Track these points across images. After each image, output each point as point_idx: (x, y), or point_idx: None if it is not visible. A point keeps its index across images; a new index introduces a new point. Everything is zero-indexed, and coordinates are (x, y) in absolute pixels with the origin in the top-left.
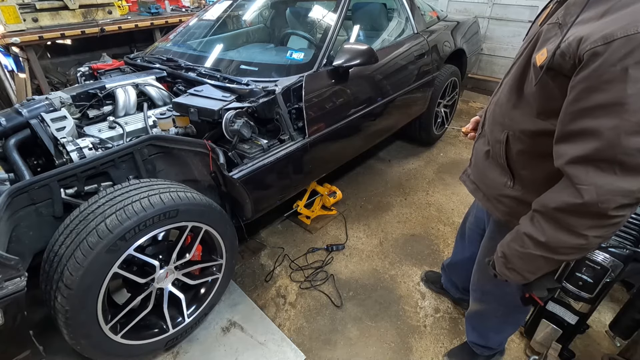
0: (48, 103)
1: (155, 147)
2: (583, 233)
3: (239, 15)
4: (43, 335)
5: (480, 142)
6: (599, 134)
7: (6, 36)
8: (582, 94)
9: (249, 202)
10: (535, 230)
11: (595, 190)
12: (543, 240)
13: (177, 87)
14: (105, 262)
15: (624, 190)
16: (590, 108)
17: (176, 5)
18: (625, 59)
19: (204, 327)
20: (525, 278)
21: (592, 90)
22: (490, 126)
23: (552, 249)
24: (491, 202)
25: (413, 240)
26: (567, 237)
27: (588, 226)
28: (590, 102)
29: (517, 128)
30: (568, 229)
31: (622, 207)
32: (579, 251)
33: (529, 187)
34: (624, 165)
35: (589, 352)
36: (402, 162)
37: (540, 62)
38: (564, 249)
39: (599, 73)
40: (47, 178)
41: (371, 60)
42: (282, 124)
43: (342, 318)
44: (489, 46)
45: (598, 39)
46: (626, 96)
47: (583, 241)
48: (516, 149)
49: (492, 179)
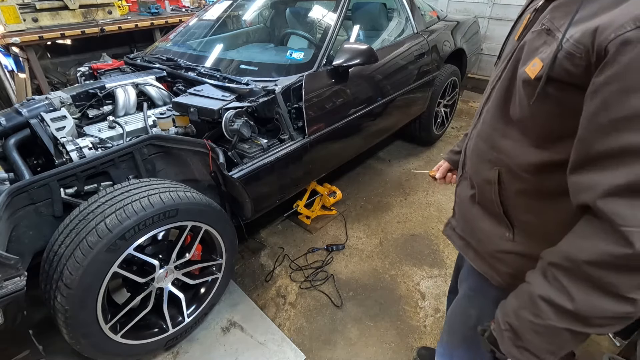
0: (48, 103)
1: (155, 147)
2: (630, 296)
3: (239, 15)
4: (43, 335)
5: (462, 185)
6: None
7: (6, 36)
8: (614, 98)
9: (248, 201)
10: (556, 293)
11: None
12: (571, 307)
13: (177, 87)
14: (105, 262)
15: None
16: (627, 118)
17: (176, 5)
18: None
19: (204, 327)
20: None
21: (628, 91)
22: (475, 165)
23: (583, 319)
24: (487, 261)
25: (413, 240)
26: (607, 302)
27: (634, 285)
28: (627, 109)
29: (511, 163)
30: (607, 290)
31: None
32: (622, 321)
33: (537, 239)
34: None
35: (589, 352)
36: (402, 162)
37: (535, 73)
38: (600, 319)
39: (637, 67)
40: (46, 178)
41: (371, 59)
42: (282, 124)
43: (342, 318)
44: (489, 46)
45: (627, 23)
46: None
47: (630, 308)
48: (514, 189)
49: (484, 230)
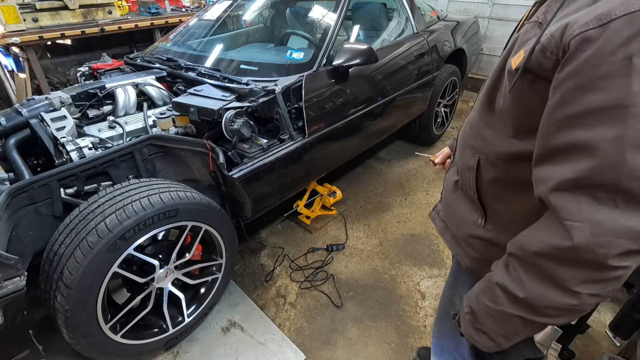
0: (48, 103)
1: (155, 147)
2: (574, 289)
3: (239, 15)
4: (43, 335)
5: (451, 171)
6: (593, 149)
7: (6, 36)
8: (570, 94)
9: (248, 201)
10: (511, 281)
11: (590, 228)
12: (521, 295)
13: (177, 87)
14: (105, 262)
15: (630, 231)
16: (581, 113)
17: (176, 5)
18: (628, 44)
19: (204, 327)
20: (498, 344)
21: (584, 88)
22: (461, 151)
23: (533, 309)
24: (459, 244)
25: (413, 240)
26: (554, 293)
27: (581, 280)
28: (582, 106)
29: (489, 151)
30: (554, 282)
31: (628, 255)
32: (569, 313)
33: (504, 227)
34: (630, 194)
35: (589, 352)
36: (402, 162)
37: (517, 64)
38: (549, 309)
39: (593, 65)
40: (46, 178)
41: (371, 59)
42: (282, 124)
43: (342, 318)
44: (489, 46)
45: (590, 21)
46: (631, 95)
47: (574, 300)
48: (489, 176)
49: (461, 215)
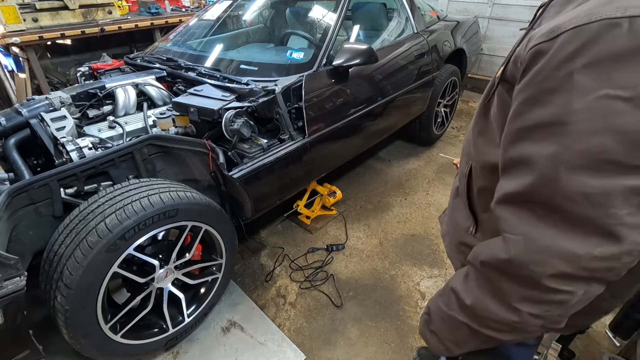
0: (48, 103)
1: (155, 147)
2: (515, 305)
3: (239, 15)
4: (43, 335)
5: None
6: (533, 165)
7: (6, 36)
8: (521, 107)
9: (248, 201)
10: (464, 288)
11: (524, 243)
12: (468, 303)
13: (177, 87)
14: (105, 262)
15: (564, 252)
16: (528, 127)
17: (176, 5)
18: (572, 60)
19: (204, 327)
20: (448, 349)
21: (533, 102)
22: (461, 157)
23: (478, 319)
24: (454, 250)
25: (413, 240)
26: (495, 305)
27: (521, 296)
28: (529, 120)
29: (479, 159)
30: (498, 294)
31: (564, 278)
32: (513, 331)
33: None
34: (565, 214)
35: (589, 352)
36: (402, 162)
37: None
38: (491, 321)
39: (540, 79)
40: (46, 178)
41: (371, 59)
42: (282, 124)
43: (342, 318)
44: (489, 46)
45: (545, 33)
46: (570, 113)
47: (515, 317)
48: (477, 185)
49: (457, 221)
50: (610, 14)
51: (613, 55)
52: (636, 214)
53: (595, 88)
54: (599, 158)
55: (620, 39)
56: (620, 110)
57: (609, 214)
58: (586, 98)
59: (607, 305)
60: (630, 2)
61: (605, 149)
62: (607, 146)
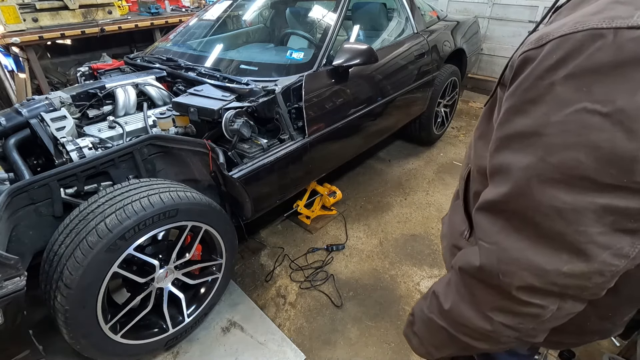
0: (48, 103)
1: (155, 147)
2: (487, 314)
3: (239, 15)
4: (43, 335)
5: None
6: (510, 174)
7: (6, 36)
8: (507, 114)
9: (248, 201)
10: (444, 292)
11: (497, 252)
12: (446, 307)
13: (177, 87)
14: (105, 262)
15: (533, 266)
16: (510, 136)
17: (176, 5)
18: (555, 70)
19: (204, 327)
20: (429, 353)
21: (515, 111)
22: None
23: (454, 324)
24: (447, 253)
25: (413, 240)
26: (469, 311)
27: (492, 305)
28: (512, 128)
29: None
30: (472, 301)
31: (532, 291)
32: (488, 340)
33: None
34: (537, 227)
35: (589, 352)
36: (402, 162)
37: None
38: (465, 328)
39: (525, 87)
40: (46, 178)
41: (371, 59)
42: (282, 124)
43: (342, 318)
44: (489, 46)
45: (534, 40)
46: (547, 124)
47: (487, 325)
48: (473, 189)
49: (454, 224)
50: (597, 24)
51: (594, 68)
52: (608, 233)
53: (575, 101)
54: (572, 173)
55: (604, 51)
56: (597, 125)
57: (579, 231)
58: (564, 110)
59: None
60: (620, 12)
61: (579, 164)
62: (581, 161)
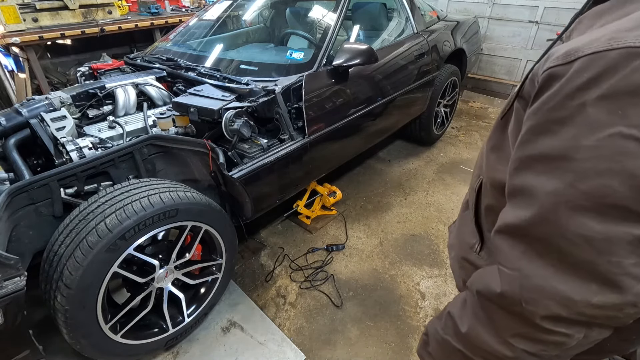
0: (48, 103)
1: (155, 147)
2: (508, 340)
3: (239, 15)
4: (43, 335)
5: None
6: (534, 198)
7: (6, 36)
8: (529, 134)
9: (248, 201)
10: (460, 313)
11: (519, 279)
12: (463, 330)
13: (177, 87)
14: (105, 262)
15: (559, 295)
16: (534, 157)
17: (176, 5)
18: (586, 90)
19: (204, 327)
20: None
21: (540, 131)
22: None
23: (471, 347)
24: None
25: (413, 240)
26: (489, 337)
27: (514, 332)
28: (536, 149)
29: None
30: (491, 326)
31: (558, 320)
32: None
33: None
34: (563, 255)
35: None
36: (402, 162)
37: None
38: (484, 353)
39: (551, 106)
40: (46, 178)
41: (371, 59)
42: (282, 124)
43: (342, 318)
44: (489, 46)
45: (560, 56)
46: (577, 148)
47: (508, 352)
48: (485, 202)
49: (463, 236)
50: (633, 42)
51: (631, 90)
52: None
53: (609, 124)
54: (604, 201)
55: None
56: (633, 151)
57: (612, 262)
58: (597, 134)
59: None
60: None
61: (612, 192)
62: (615, 189)
